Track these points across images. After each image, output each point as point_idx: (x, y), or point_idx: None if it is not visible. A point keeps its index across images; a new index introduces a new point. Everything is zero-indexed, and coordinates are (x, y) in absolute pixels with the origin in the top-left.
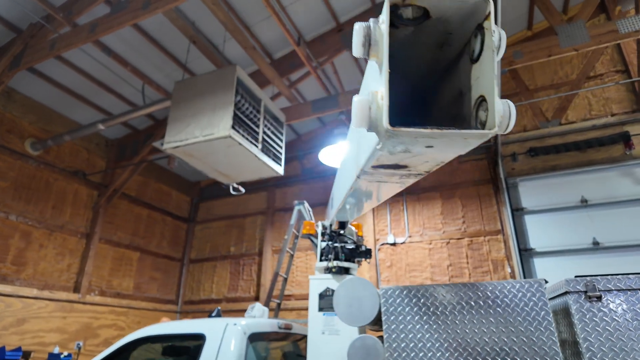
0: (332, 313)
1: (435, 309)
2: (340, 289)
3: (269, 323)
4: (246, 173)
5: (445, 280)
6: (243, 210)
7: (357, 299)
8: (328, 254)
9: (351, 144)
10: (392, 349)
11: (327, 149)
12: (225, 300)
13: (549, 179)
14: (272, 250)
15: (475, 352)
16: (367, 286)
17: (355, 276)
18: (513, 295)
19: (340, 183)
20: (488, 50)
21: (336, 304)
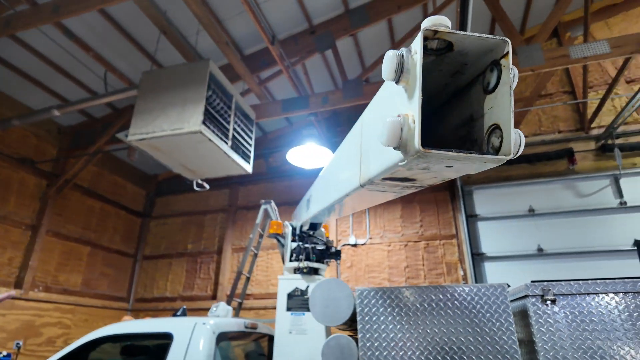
0: (300, 313)
1: (407, 309)
2: (317, 290)
3: (236, 322)
4: (214, 169)
5: (402, 281)
6: (203, 207)
7: (333, 299)
8: (299, 254)
9: (349, 152)
10: (367, 347)
11: (296, 150)
12: (180, 299)
13: (502, 188)
14: (233, 249)
15: (444, 351)
16: (342, 287)
17: (332, 277)
18: (479, 297)
19: (328, 188)
20: (505, 85)
21: (312, 305)
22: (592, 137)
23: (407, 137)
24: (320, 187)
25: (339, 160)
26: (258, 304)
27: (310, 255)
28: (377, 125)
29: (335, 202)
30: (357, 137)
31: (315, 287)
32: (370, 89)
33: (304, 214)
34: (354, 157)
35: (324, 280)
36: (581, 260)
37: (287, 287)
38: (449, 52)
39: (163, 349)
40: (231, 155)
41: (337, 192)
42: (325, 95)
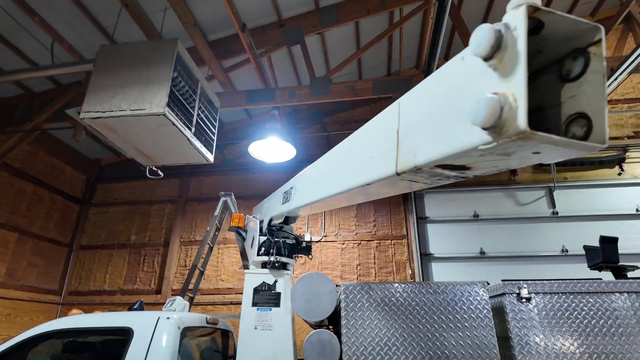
0: (267, 308)
1: (392, 305)
2: (299, 284)
3: (198, 317)
4: (173, 156)
5: (353, 278)
6: (149, 197)
7: (315, 294)
8: (269, 248)
9: (376, 139)
10: (351, 343)
11: (258, 143)
12: (120, 293)
13: (450, 194)
14: (181, 241)
15: (427, 347)
16: (326, 282)
17: (315, 272)
18: (460, 294)
19: (332, 178)
20: (597, 74)
21: (294, 299)
22: None
23: (508, 116)
24: (316, 177)
25: (356, 148)
26: (206, 299)
27: (282, 249)
28: (438, 106)
29: (340, 194)
30: (391, 122)
31: (297, 281)
32: (336, 89)
33: (277, 207)
34: (386, 143)
35: (306, 274)
36: (518, 263)
37: (254, 282)
38: (531, 36)
39: (117, 346)
40: (194, 142)
41: (349, 182)
42: (292, 89)
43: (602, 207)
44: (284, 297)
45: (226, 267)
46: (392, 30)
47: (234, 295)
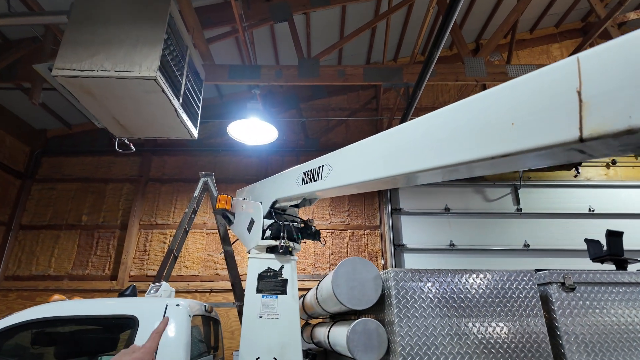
0: (273, 295)
1: (443, 292)
2: (342, 269)
3: (199, 305)
4: (154, 128)
5: (325, 267)
6: (105, 174)
7: (358, 280)
8: (277, 232)
9: (510, 102)
10: (404, 332)
11: (238, 123)
12: (68, 278)
13: (424, 187)
14: (140, 224)
15: (478, 336)
16: (369, 268)
17: (357, 257)
18: (510, 282)
19: (416, 150)
20: None
21: (337, 285)
22: None
23: None
24: (386, 151)
25: (476, 115)
26: (178, 287)
27: (293, 233)
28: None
29: (438, 168)
30: (563, 82)
31: (339, 266)
32: (325, 72)
33: (291, 189)
34: (553, 105)
35: (348, 259)
36: (484, 256)
37: (259, 267)
38: None
39: (117, 337)
40: (181, 114)
41: (465, 154)
42: (279, 68)
43: (560, 207)
44: (291, 284)
45: (191, 253)
46: (380, 20)
47: (199, 283)
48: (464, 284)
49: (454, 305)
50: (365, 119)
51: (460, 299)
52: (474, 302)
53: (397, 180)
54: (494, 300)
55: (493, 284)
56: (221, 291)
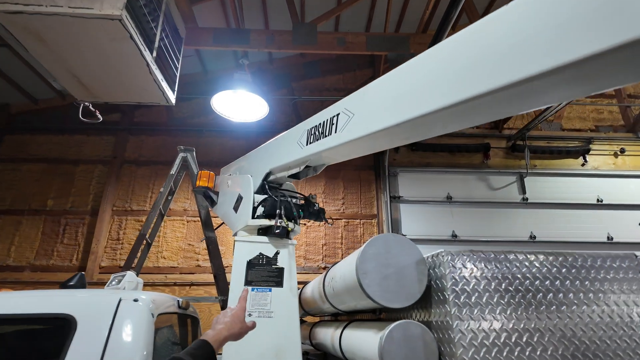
0: (265, 288)
1: (519, 284)
2: (370, 250)
3: (171, 300)
4: (122, 90)
5: (318, 259)
6: (75, 155)
7: (394, 266)
8: (272, 209)
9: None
10: (466, 342)
11: (223, 95)
12: (29, 269)
13: (424, 173)
14: (113, 210)
15: (569, 336)
16: (408, 248)
17: (390, 233)
18: (609, 267)
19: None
20: None
21: (363, 272)
22: (504, 136)
23: None
24: (436, 76)
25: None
26: (144, 279)
27: (293, 210)
28: None
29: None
30: None
31: (367, 245)
32: (323, 39)
33: (292, 152)
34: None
35: (379, 236)
36: (488, 248)
37: (248, 253)
38: None
39: (44, 346)
40: (155, 71)
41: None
42: (271, 34)
43: (567, 196)
44: (289, 274)
45: (169, 242)
46: None
47: (179, 276)
48: (546, 271)
49: (532, 299)
50: None
51: (541, 291)
52: (561, 296)
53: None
54: (587, 292)
55: (584, 271)
56: (203, 284)
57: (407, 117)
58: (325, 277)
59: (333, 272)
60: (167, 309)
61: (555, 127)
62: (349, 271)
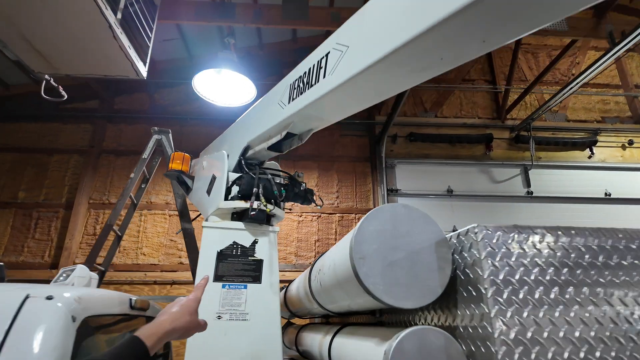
0: (239, 285)
1: (561, 265)
2: (370, 225)
3: (116, 299)
4: (84, 60)
5: (311, 256)
6: (49, 143)
7: (405, 250)
8: (249, 187)
9: None
10: (515, 358)
11: (206, 75)
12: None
13: (423, 165)
14: (90, 203)
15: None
16: (424, 223)
17: (400, 203)
18: None
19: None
20: None
21: (360, 257)
22: (507, 126)
23: None
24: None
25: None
26: (121, 277)
27: (274, 189)
28: None
29: None
30: None
31: (366, 219)
32: (316, 14)
33: (274, 115)
34: None
35: (384, 206)
36: None
37: (218, 241)
38: None
39: None
40: (120, 36)
41: None
42: (258, 7)
43: (573, 190)
44: (269, 268)
45: (150, 238)
46: None
47: (159, 274)
48: (593, 254)
49: (578, 287)
50: None
51: (588, 276)
52: (613, 281)
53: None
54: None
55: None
56: (186, 283)
57: (429, 24)
58: (312, 270)
59: (322, 261)
60: (105, 310)
61: (560, 118)
62: (342, 257)
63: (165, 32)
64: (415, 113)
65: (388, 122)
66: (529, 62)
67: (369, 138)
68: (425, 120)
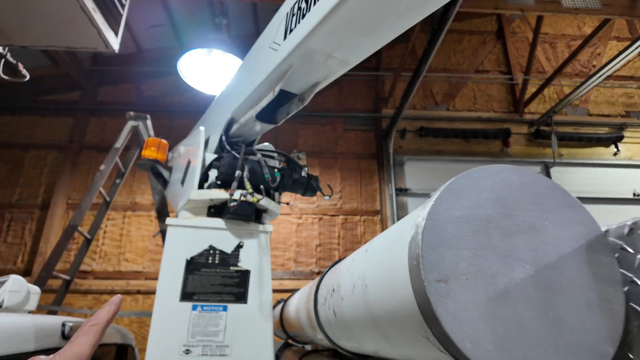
0: (217, 306)
1: None
2: (452, 206)
3: (43, 328)
4: (43, 28)
5: (311, 262)
6: (25, 138)
7: (531, 262)
8: (229, 170)
9: None
10: None
11: (193, 56)
12: None
13: (435, 162)
14: (68, 204)
15: None
16: (559, 202)
17: (510, 166)
18: None
19: None
20: None
21: (435, 277)
22: (526, 121)
23: None
24: None
25: None
26: (101, 285)
27: (265, 173)
28: None
29: None
30: None
31: (444, 196)
32: None
33: (268, 61)
34: None
35: (479, 169)
36: None
37: (188, 245)
38: None
39: None
40: (85, 2)
41: None
42: None
43: (599, 189)
44: (258, 281)
45: (134, 242)
46: None
47: (144, 282)
48: None
49: None
50: (362, 79)
51: None
52: None
53: None
54: None
55: None
56: None
57: None
58: (319, 288)
59: (336, 276)
60: (16, 348)
61: (582, 112)
62: (384, 273)
63: (153, 17)
64: (425, 106)
65: (397, 115)
66: (546, 53)
67: (375, 133)
68: (436, 114)
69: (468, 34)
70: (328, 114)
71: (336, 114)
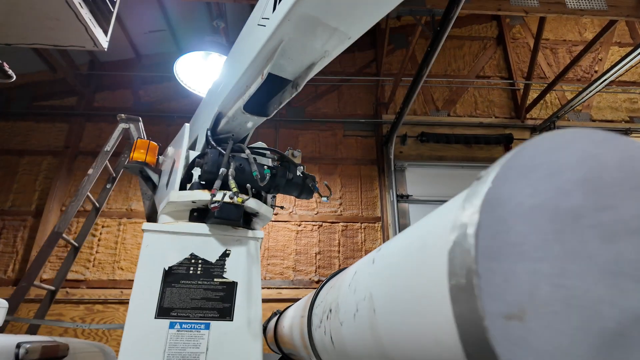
0: (198, 323)
1: None
2: (521, 191)
3: None
4: (25, 23)
5: (311, 271)
6: (20, 144)
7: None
8: (214, 168)
9: None
10: None
11: (190, 58)
12: None
13: (436, 168)
14: (62, 211)
15: None
16: None
17: (588, 129)
18: None
19: None
20: None
21: (500, 313)
22: (528, 126)
23: None
24: None
25: None
26: (94, 294)
27: (253, 170)
28: None
29: None
30: None
31: (506, 173)
32: None
33: (260, 35)
34: None
35: (560, 134)
36: None
37: (166, 254)
38: None
39: None
40: None
41: None
42: None
43: None
44: (246, 295)
45: (129, 250)
46: None
47: None
48: None
49: None
50: (362, 84)
51: None
52: None
53: None
54: None
55: None
56: None
57: None
58: (314, 306)
59: (333, 293)
60: None
61: (584, 118)
62: (402, 296)
63: (151, 22)
64: (426, 112)
65: (397, 120)
66: (547, 59)
67: (376, 139)
68: (437, 119)
69: (468, 39)
70: (328, 120)
71: (336, 119)
